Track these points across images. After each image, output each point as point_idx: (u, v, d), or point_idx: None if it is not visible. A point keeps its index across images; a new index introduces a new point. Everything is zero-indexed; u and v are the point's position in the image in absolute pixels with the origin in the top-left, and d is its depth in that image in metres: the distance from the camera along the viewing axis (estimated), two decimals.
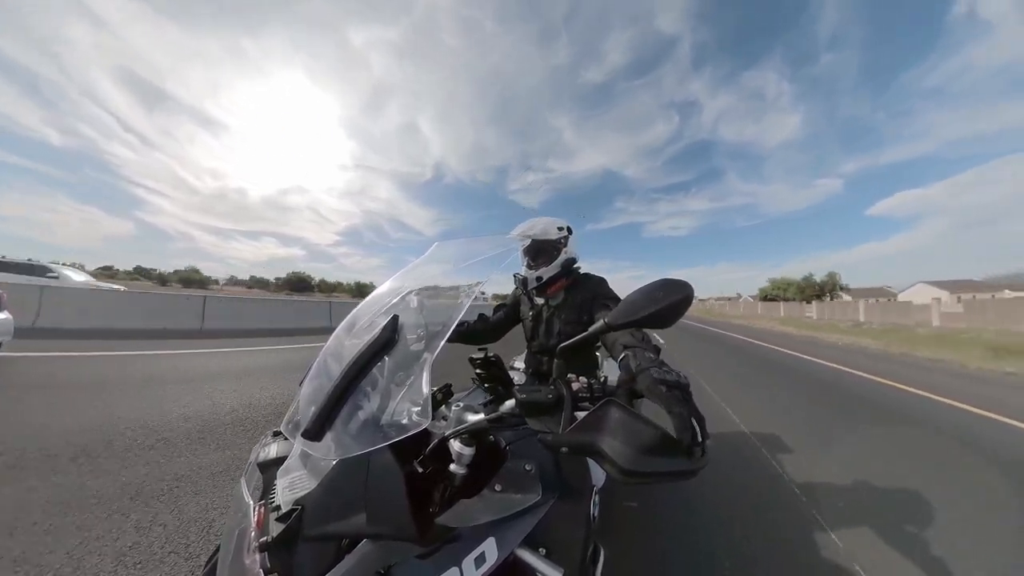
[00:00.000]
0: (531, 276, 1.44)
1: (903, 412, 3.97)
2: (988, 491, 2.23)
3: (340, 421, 0.60)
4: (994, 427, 3.52)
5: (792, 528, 1.81)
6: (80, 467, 1.97)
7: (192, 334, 7.35)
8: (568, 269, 1.48)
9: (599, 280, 1.47)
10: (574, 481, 0.73)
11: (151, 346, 5.62)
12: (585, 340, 0.69)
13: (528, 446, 0.74)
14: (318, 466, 0.66)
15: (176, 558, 1.38)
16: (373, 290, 0.95)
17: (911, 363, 7.77)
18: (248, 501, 0.67)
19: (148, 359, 4.71)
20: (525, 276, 1.46)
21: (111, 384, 3.48)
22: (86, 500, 1.68)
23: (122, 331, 6.86)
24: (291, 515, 0.56)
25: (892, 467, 2.53)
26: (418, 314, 0.80)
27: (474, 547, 0.58)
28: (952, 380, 5.91)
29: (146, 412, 2.81)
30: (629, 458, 0.47)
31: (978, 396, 4.71)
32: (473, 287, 0.81)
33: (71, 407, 2.80)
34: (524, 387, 0.66)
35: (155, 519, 1.58)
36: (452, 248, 0.99)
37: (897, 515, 1.93)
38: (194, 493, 1.80)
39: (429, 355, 0.68)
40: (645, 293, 0.60)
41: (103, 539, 1.45)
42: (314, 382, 0.70)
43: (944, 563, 1.57)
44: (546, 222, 1.45)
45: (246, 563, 0.56)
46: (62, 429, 2.40)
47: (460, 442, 0.67)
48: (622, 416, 0.50)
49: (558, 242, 1.45)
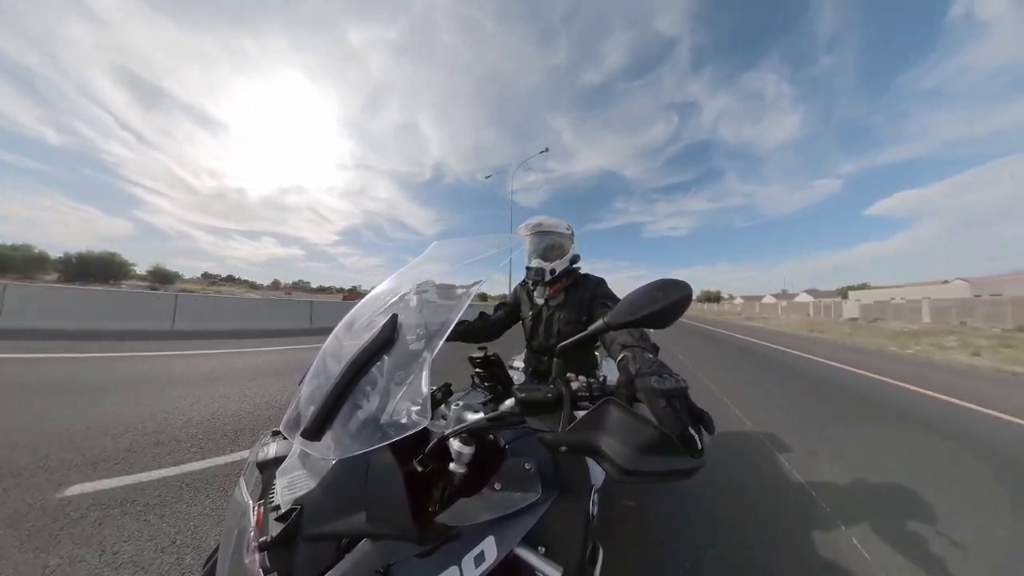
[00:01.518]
0: (546, 267, 1.44)
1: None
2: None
3: (339, 421, 0.60)
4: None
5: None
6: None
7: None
8: (570, 268, 1.50)
9: (598, 280, 1.49)
10: (573, 480, 0.74)
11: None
12: (584, 339, 0.69)
13: (527, 445, 0.74)
14: (317, 466, 0.66)
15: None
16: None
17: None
18: (247, 500, 0.67)
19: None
20: (539, 267, 1.45)
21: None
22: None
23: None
24: (290, 515, 0.56)
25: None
26: (417, 313, 0.80)
27: (473, 546, 0.58)
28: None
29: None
30: (628, 457, 0.47)
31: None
32: (472, 286, 0.81)
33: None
34: (523, 386, 0.66)
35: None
36: (451, 247, 0.99)
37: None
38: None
39: (428, 354, 0.68)
40: (644, 293, 0.60)
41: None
42: (313, 381, 0.70)
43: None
44: (553, 219, 1.49)
45: (245, 562, 0.56)
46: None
47: (459, 441, 0.67)
48: (621, 415, 0.50)
49: (566, 237, 1.49)
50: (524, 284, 1.67)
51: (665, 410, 0.53)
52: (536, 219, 1.47)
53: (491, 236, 0.92)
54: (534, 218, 1.48)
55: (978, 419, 3.67)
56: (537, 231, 1.46)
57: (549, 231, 1.45)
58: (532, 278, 1.51)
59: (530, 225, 1.47)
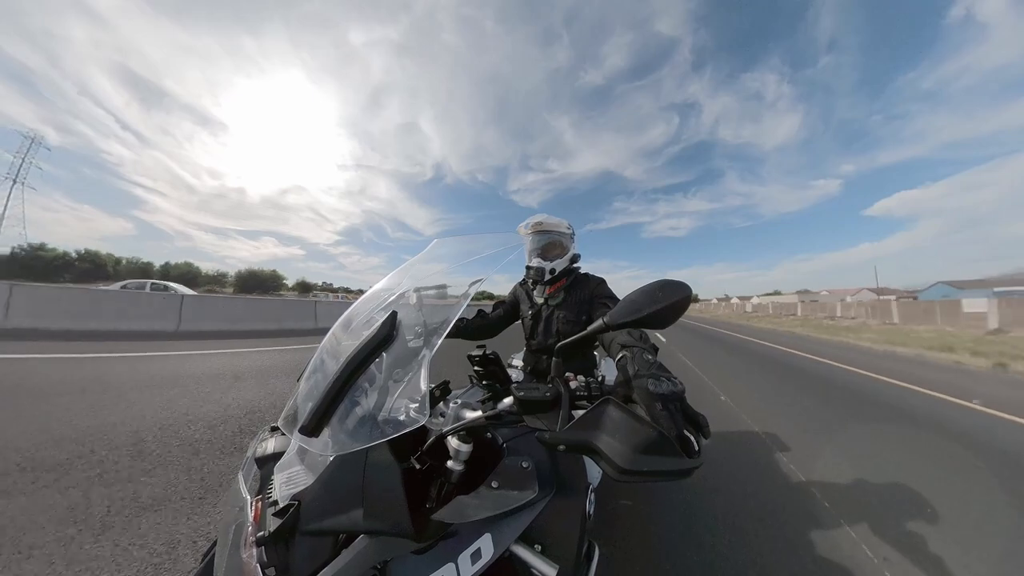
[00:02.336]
0: (546, 267, 1.44)
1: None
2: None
3: (338, 417, 0.60)
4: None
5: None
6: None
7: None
8: (570, 268, 1.50)
9: (599, 280, 1.48)
10: (570, 479, 0.74)
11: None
12: (583, 339, 0.69)
13: (525, 443, 0.74)
14: (315, 462, 0.66)
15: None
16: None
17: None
18: (245, 496, 0.67)
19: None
20: (539, 266, 1.45)
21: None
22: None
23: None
24: (288, 510, 0.57)
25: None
26: (417, 311, 0.79)
27: (470, 543, 0.58)
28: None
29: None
30: (625, 457, 0.47)
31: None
32: (472, 284, 0.81)
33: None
34: (522, 385, 0.65)
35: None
36: (451, 245, 0.99)
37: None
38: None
39: (427, 352, 0.68)
40: (645, 293, 0.60)
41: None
42: (312, 378, 0.70)
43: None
44: (554, 218, 1.48)
45: (243, 557, 0.56)
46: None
47: (457, 439, 0.67)
48: (619, 415, 0.50)
49: (567, 236, 1.48)
50: (523, 283, 1.67)
51: (661, 413, 0.53)
52: (537, 217, 1.46)
53: (491, 234, 0.92)
54: (535, 216, 1.47)
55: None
56: (537, 230, 1.44)
57: (549, 230, 1.44)
58: (532, 277, 1.50)
59: (530, 224, 1.45)
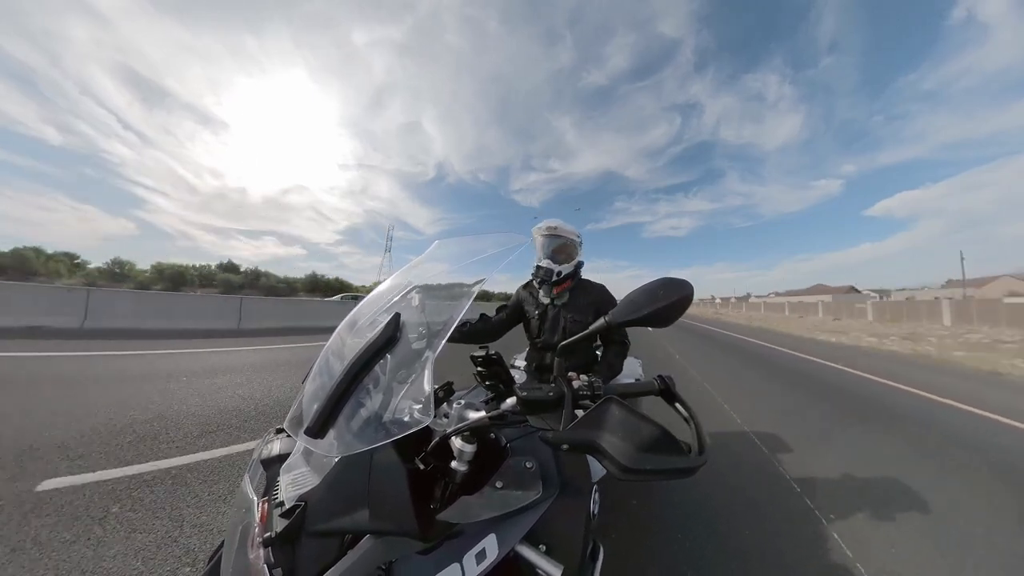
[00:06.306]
0: (554, 268, 1.52)
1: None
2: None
3: (343, 419, 0.60)
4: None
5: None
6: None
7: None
8: (574, 273, 1.59)
9: (601, 286, 1.60)
10: (574, 478, 0.74)
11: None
12: (585, 338, 0.70)
13: (529, 443, 0.74)
14: (321, 463, 0.66)
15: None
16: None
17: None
18: (252, 497, 0.68)
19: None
20: (548, 267, 1.53)
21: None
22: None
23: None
24: (294, 511, 0.57)
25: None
26: (420, 312, 0.79)
27: (475, 543, 0.59)
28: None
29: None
30: (629, 456, 0.47)
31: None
32: (475, 285, 0.81)
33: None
34: (525, 385, 0.66)
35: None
36: (453, 246, 0.98)
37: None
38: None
39: (431, 353, 0.68)
40: (646, 292, 0.60)
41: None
42: (316, 380, 0.70)
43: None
44: (569, 225, 1.56)
45: (250, 558, 0.57)
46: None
47: (461, 439, 0.67)
48: (622, 414, 0.50)
49: (576, 244, 1.57)
50: (527, 286, 1.71)
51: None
52: (552, 222, 1.55)
53: (494, 235, 0.91)
54: (551, 220, 1.56)
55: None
56: (552, 233, 1.53)
57: (562, 235, 1.53)
58: (540, 276, 1.57)
59: (545, 226, 1.55)
